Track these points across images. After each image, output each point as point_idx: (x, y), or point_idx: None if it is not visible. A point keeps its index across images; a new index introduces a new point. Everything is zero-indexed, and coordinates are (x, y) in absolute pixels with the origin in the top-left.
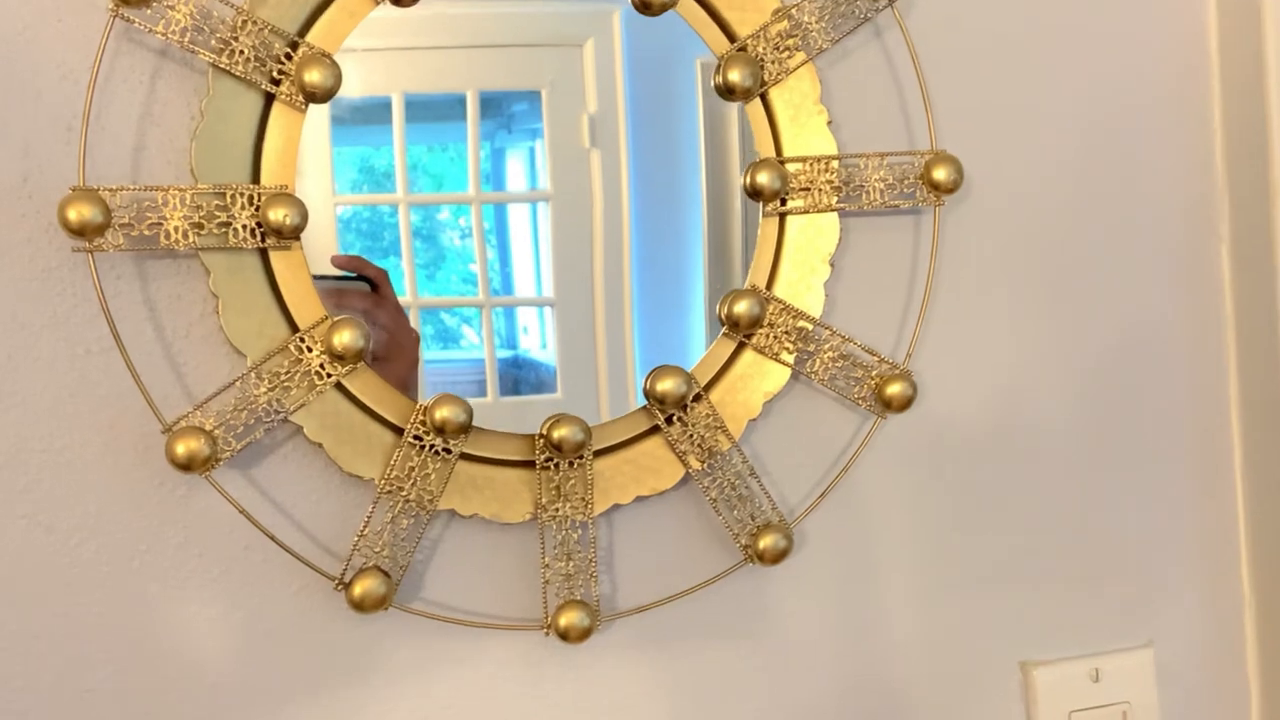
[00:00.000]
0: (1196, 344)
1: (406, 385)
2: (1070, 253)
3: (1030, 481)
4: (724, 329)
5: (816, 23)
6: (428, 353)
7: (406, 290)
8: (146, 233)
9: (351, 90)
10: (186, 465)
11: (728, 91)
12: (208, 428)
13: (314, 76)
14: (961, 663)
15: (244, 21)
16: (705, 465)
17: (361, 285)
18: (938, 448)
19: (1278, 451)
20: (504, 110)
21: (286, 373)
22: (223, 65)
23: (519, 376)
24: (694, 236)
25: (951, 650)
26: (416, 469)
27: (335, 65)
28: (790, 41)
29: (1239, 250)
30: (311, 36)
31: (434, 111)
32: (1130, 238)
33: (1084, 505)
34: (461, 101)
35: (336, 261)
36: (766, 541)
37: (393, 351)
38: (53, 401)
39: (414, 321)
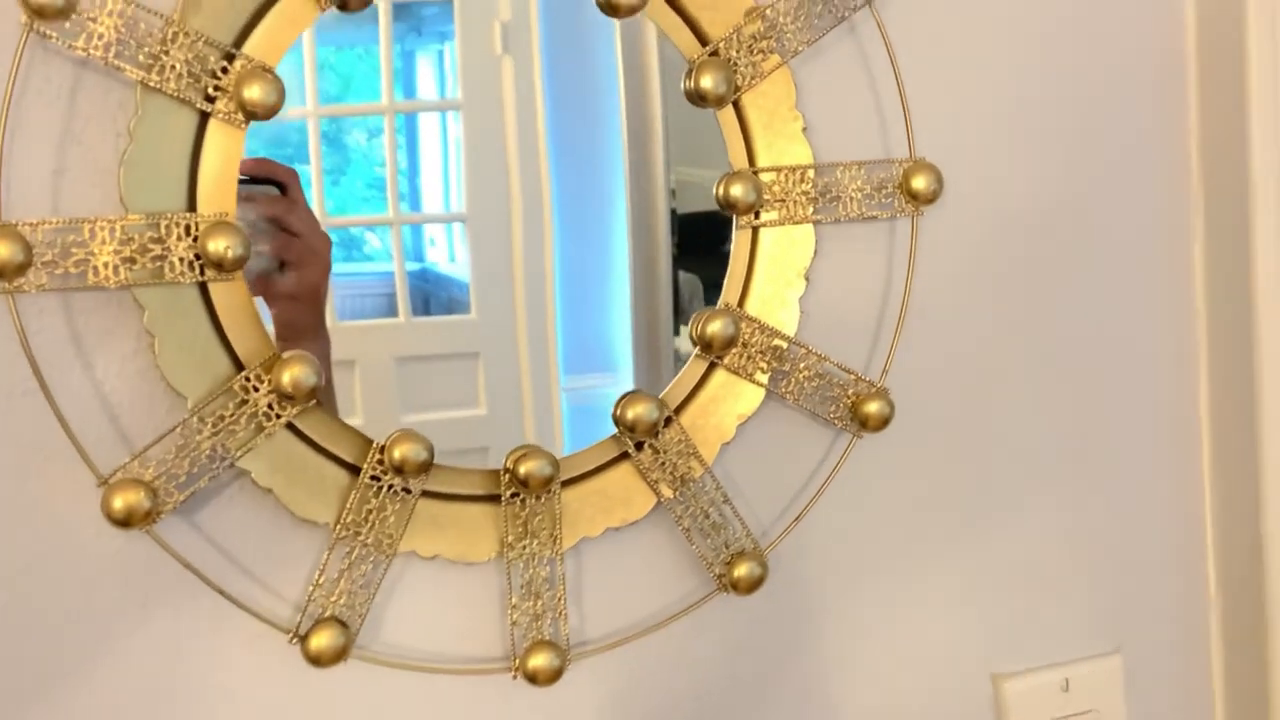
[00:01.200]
0: (1169, 354)
1: (319, 294)
2: (1046, 263)
3: (1001, 494)
4: (696, 350)
5: (791, 23)
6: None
7: (314, 199)
8: (72, 270)
9: None
10: (125, 521)
11: (699, 99)
12: (147, 479)
13: (254, 93)
14: (934, 678)
15: (175, 34)
16: (677, 493)
17: (270, 189)
18: (910, 464)
19: (1245, 460)
20: (415, 14)
21: (232, 415)
22: (152, 83)
23: (428, 292)
24: (613, 150)
25: (924, 666)
26: (374, 511)
27: (277, 80)
28: (764, 44)
29: (1212, 260)
30: (249, 48)
31: (344, 15)
32: (1106, 247)
33: (1053, 516)
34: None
35: (243, 166)
36: (741, 570)
37: (305, 258)
38: None
39: None
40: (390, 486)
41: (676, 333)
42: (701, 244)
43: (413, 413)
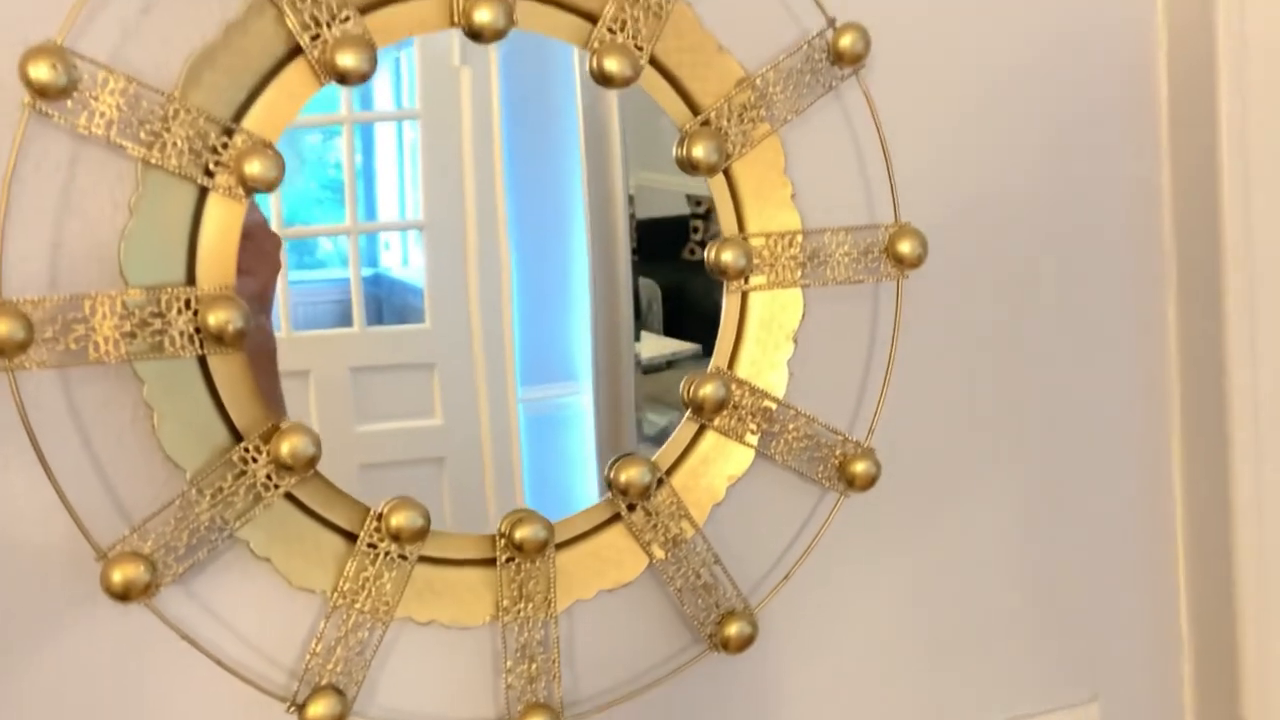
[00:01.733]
0: (1142, 411)
1: (266, 295)
2: (1025, 325)
3: (982, 548)
4: (688, 413)
5: (781, 92)
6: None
7: (272, 214)
8: (73, 346)
9: None
10: (124, 594)
11: (692, 167)
12: (146, 551)
13: (255, 168)
14: None
15: (176, 110)
16: (669, 554)
17: None
18: (896, 521)
19: (1217, 511)
20: None
21: (230, 486)
22: (153, 160)
23: (382, 298)
24: (571, 157)
25: (909, 717)
26: (371, 578)
27: (278, 155)
28: (754, 112)
29: (1185, 322)
30: (249, 122)
31: None
32: (1083, 310)
33: (1032, 567)
34: None
35: None
36: (731, 629)
37: (254, 262)
38: None
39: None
40: (387, 553)
41: (637, 338)
42: (660, 249)
43: (368, 423)
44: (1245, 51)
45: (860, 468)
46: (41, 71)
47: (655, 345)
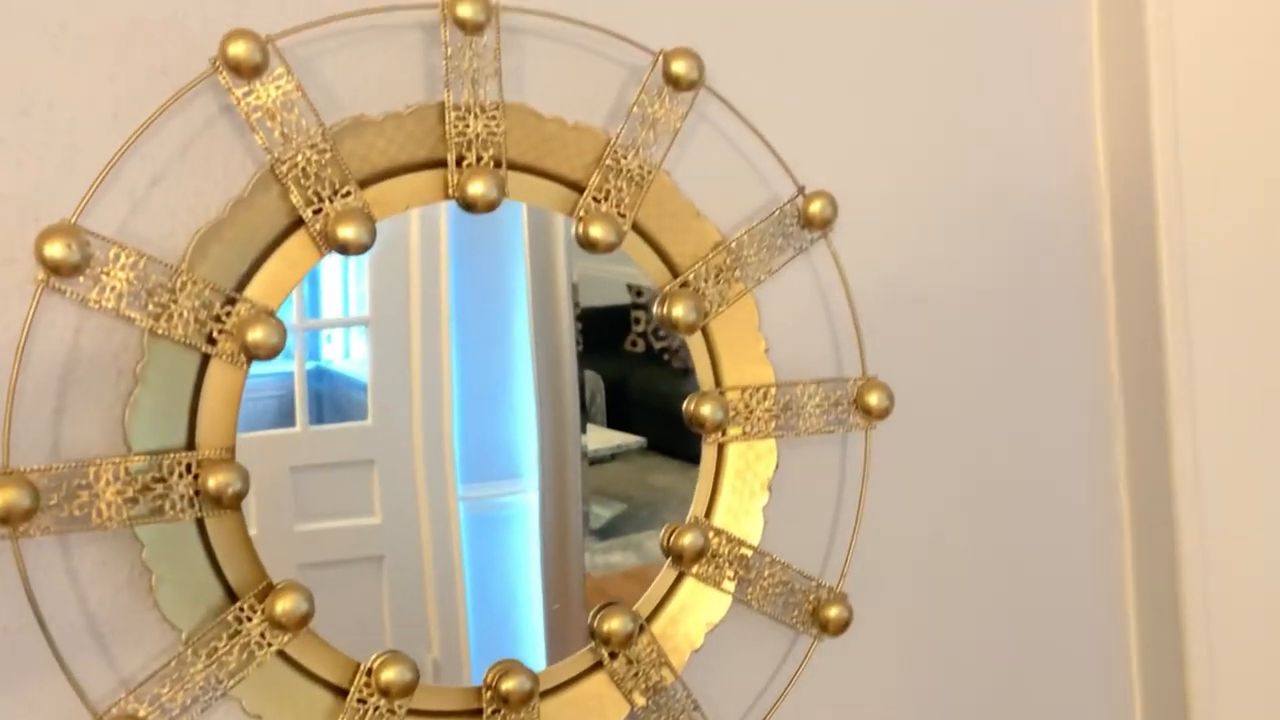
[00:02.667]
0: (1095, 549)
1: None
2: (985, 471)
3: (953, 689)
4: (668, 561)
5: (754, 254)
6: None
7: None
8: (77, 513)
9: None
10: None
11: (672, 326)
12: (141, 714)
13: (257, 335)
14: None
15: (184, 282)
16: (650, 701)
17: None
18: (867, 663)
19: (1171, 676)
20: None
21: (225, 645)
22: (161, 330)
23: (323, 393)
24: (514, 246)
25: None
26: None
27: (279, 323)
28: (730, 274)
29: (1134, 462)
30: (251, 291)
31: None
32: (1037, 459)
33: (998, 700)
34: None
35: None
36: None
37: None
38: None
39: None
40: (376, 708)
41: (584, 430)
42: (604, 340)
43: (307, 522)
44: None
45: (833, 613)
46: (56, 250)
47: (600, 438)
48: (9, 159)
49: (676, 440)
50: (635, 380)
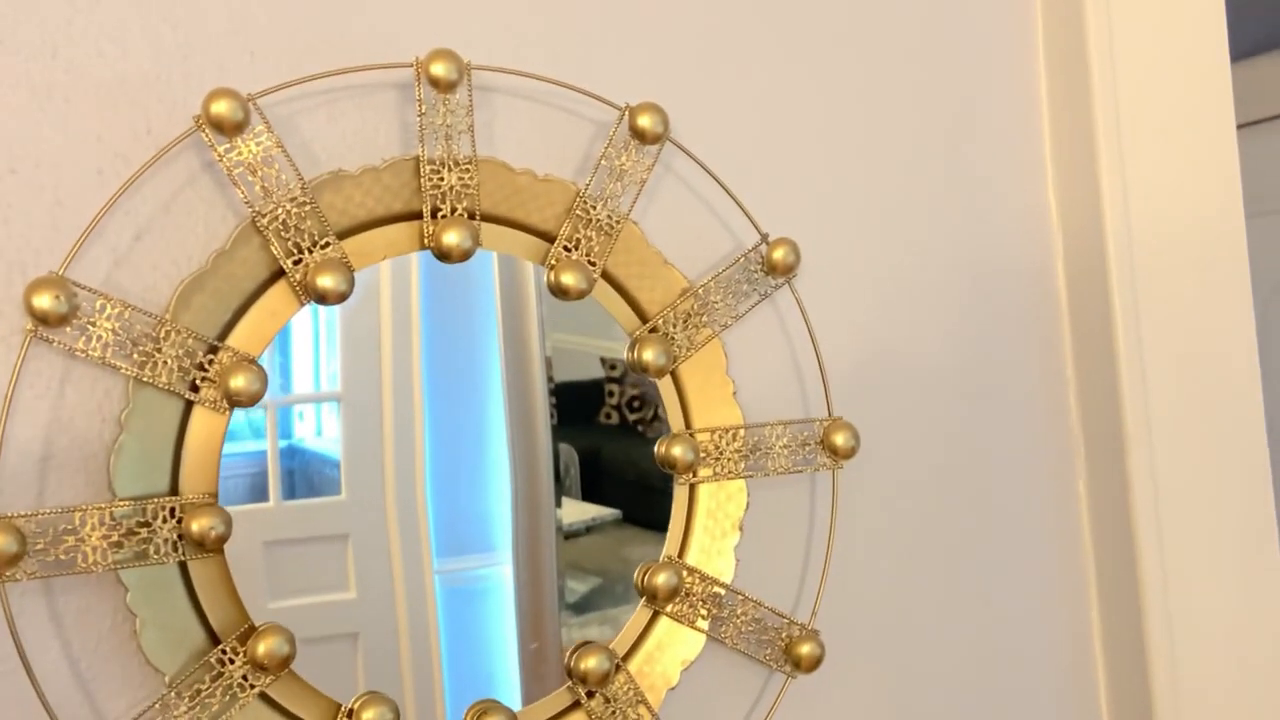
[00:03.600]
0: (1061, 584)
1: None
2: (952, 510)
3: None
4: (642, 600)
5: (721, 300)
6: None
7: None
8: (63, 557)
9: None
10: None
11: (642, 369)
12: None
13: (239, 383)
14: None
15: (167, 331)
16: None
17: None
18: (840, 700)
19: (1137, 679)
20: None
21: (207, 688)
22: (145, 378)
23: (295, 470)
24: (488, 319)
25: None
26: None
27: (260, 370)
28: (698, 319)
29: (1095, 491)
30: (234, 339)
31: None
32: (1001, 494)
33: None
34: None
35: None
36: None
37: None
38: None
39: None
40: None
41: (558, 503)
42: (577, 413)
43: (281, 599)
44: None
45: (805, 649)
46: (45, 301)
47: (575, 511)
48: None
49: (652, 512)
50: (609, 452)
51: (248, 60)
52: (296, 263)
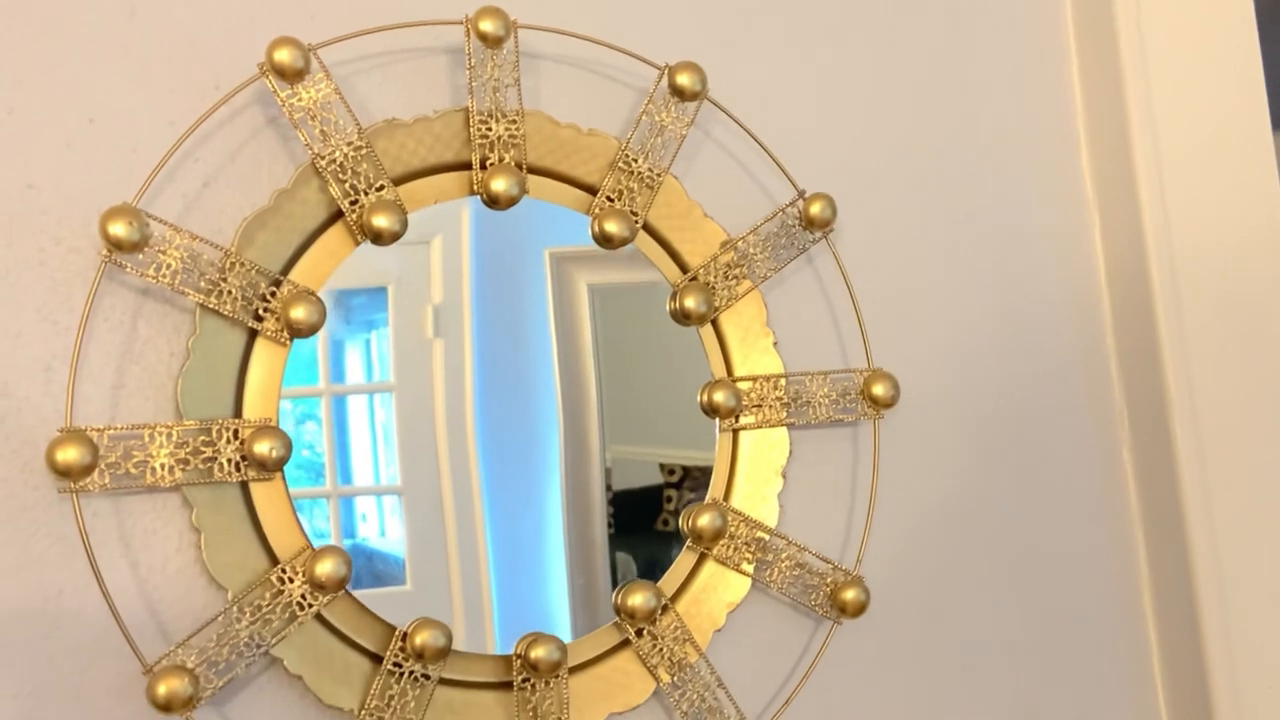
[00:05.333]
0: (1107, 540)
1: None
2: (993, 458)
3: (970, 676)
4: (688, 541)
5: (760, 254)
6: None
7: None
8: (132, 471)
9: None
10: (167, 706)
11: (684, 317)
12: (189, 665)
13: (299, 313)
14: None
15: (232, 263)
16: (674, 678)
17: None
18: (887, 648)
19: (1187, 619)
20: (343, 303)
21: (268, 605)
22: (211, 305)
23: (360, 567)
24: (548, 426)
25: None
26: (396, 697)
27: (320, 302)
28: (738, 270)
29: (1140, 453)
30: (295, 275)
31: None
32: (1042, 443)
33: (1017, 696)
34: None
35: None
36: None
37: None
38: (25, 644)
39: None
40: (411, 673)
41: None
42: (635, 521)
43: None
44: (1165, 204)
45: (850, 595)
46: (119, 229)
47: None
48: (77, 162)
49: None
50: (665, 559)
51: (309, 21)
52: (353, 203)
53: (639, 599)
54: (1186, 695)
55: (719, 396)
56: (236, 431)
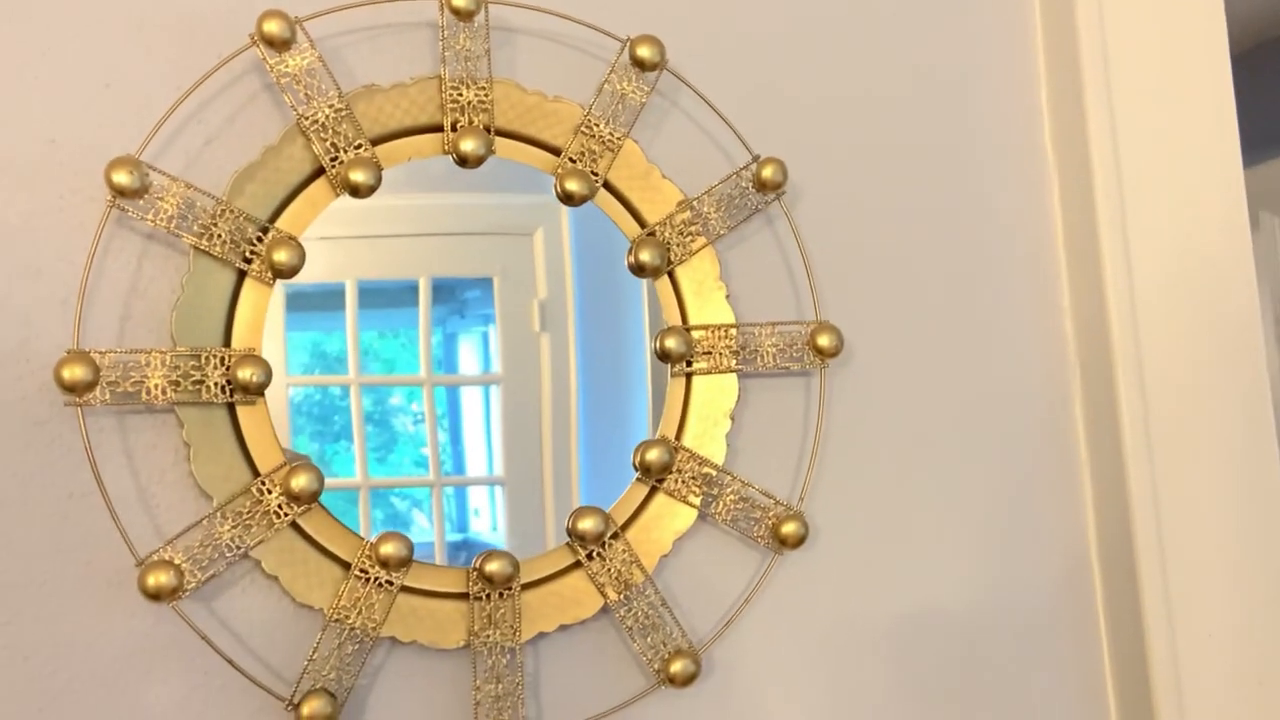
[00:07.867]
0: (1055, 474)
1: None
2: (935, 407)
3: (914, 610)
4: (637, 475)
5: (715, 212)
6: None
7: (357, 473)
8: (130, 389)
9: (308, 276)
10: (155, 595)
11: (639, 269)
12: (176, 561)
13: (281, 256)
14: None
15: (223, 210)
16: (622, 596)
17: None
18: (830, 581)
19: (1121, 537)
20: (457, 296)
21: (248, 512)
22: (203, 247)
23: (469, 560)
24: (639, 413)
25: None
26: (362, 599)
27: (300, 246)
28: (693, 228)
29: (1089, 406)
30: (280, 223)
31: (386, 298)
32: (989, 388)
33: (962, 624)
34: (414, 288)
35: None
36: (677, 666)
37: None
38: (36, 541)
39: (364, 505)
40: (375, 579)
41: None
42: None
43: None
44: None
45: (790, 528)
46: (122, 177)
47: None
48: (94, 121)
49: None
50: None
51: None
52: (334, 159)
53: (589, 523)
54: (1128, 638)
55: (670, 343)
56: (223, 359)
